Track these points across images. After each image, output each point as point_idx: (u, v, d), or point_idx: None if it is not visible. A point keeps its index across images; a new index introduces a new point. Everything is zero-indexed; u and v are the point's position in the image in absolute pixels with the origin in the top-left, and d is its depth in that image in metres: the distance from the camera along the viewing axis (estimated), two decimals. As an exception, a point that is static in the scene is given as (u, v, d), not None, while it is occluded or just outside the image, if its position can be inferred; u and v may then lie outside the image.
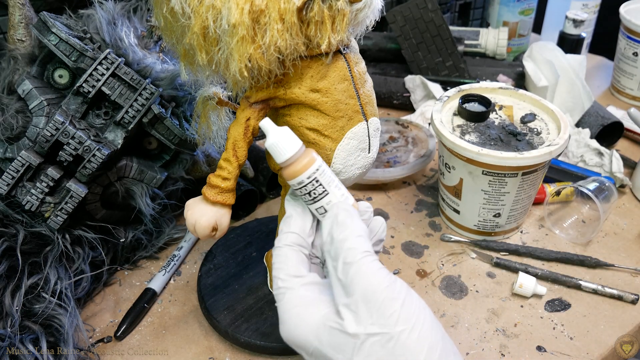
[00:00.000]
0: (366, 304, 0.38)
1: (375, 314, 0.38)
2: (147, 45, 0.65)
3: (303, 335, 0.41)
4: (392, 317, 0.38)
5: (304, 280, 0.43)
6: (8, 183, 0.57)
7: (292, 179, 0.44)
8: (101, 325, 0.62)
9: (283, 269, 0.43)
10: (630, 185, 0.81)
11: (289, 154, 0.43)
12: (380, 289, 0.38)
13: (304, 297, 0.42)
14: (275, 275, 0.44)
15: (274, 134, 0.44)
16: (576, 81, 0.90)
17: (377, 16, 0.46)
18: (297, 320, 0.41)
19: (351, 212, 0.43)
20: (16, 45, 0.61)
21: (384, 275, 0.40)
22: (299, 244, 0.45)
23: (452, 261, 0.70)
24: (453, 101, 0.74)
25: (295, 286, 0.43)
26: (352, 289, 0.39)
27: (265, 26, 0.40)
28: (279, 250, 0.45)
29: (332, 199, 0.45)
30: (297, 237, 0.45)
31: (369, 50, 1.06)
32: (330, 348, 0.39)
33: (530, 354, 0.59)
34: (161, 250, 0.72)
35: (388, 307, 0.38)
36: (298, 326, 0.41)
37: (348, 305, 0.39)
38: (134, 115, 0.60)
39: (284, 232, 0.46)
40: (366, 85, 0.49)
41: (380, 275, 0.39)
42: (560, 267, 0.69)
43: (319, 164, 0.44)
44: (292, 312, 0.42)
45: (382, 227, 0.48)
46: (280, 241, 0.45)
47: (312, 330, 0.40)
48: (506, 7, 1.12)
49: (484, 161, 0.63)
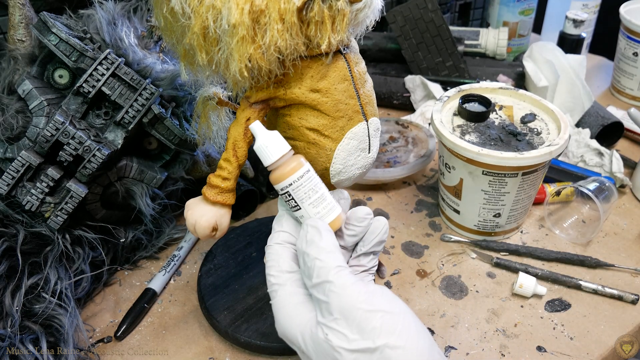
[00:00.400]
0: (346, 320, 0.38)
1: (356, 330, 0.38)
2: (147, 45, 0.65)
3: (293, 335, 0.41)
4: (373, 332, 0.37)
5: (295, 276, 0.44)
6: (8, 183, 0.57)
7: (275, 184, 0.45)
8: (101, 325, 0.62)
9: (274, 266, 0.44)
10: (630, 185, 0.81)
11: (272, 159, 0.44)
12: (357, 304, 0.38)
13: (295, 294, 0.42)
14: (267, 273, 0.44)
15: (261, 137, 0.44)
16: (576, 81, 0.90)
17: (377, 16, 0.46)
18: (288, 320, 0.42)
19: (320, 228, 0.43)
20: (16, 45, 0.61)
21: (359, 289, 0.39)
22: (291, 242, 0.46)
23: (452, 261, 0.70)
24: (453, 101, 0.74)
25: (286, 282, 0.43)
26: (331, 307, 0.39)
27: (265, 26, 0.40)
28: (270, 249, 0.45)
29: (304, 215, 0.45)
30: (288, 236, 0.46)
31: (369, 50, 1.06)
32: (314, 354, 0.40)
33: (530, 354, 0.59)
34: (161, 250, 0.72)
35: (367, 321, 0.38)
36: (289, 326, 0.42)
37: (329, 325, 0.39)
38: (134, 115, 0.60)
39: (275, 231, 0.46)
40: (366, 85, 0.49)
41: (355, 290, 0.39)
42: (561, 267, 0.69)
43: (296, 177, 0.44)
44: (283, 312, 0.42)
45: (383, 228, 0.48)
46: (272, 240, 0.46)
47: (300, 332, 0.41)
48: (506, 7, 1.12)
49: (484, 161, 0.63)
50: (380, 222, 0.48)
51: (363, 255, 0.48)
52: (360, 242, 0.49)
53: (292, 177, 0.44)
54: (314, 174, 0.45)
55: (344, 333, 0.38)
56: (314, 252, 0.42)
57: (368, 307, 0.38)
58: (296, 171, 0.44)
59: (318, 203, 0.45)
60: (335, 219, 0.45)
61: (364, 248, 0.48)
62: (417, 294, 0.66)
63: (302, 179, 0.44)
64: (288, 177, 0.44)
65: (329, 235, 0.43)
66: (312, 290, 0.41)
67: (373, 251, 0.48)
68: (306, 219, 0.45)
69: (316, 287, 0.40)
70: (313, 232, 0.43)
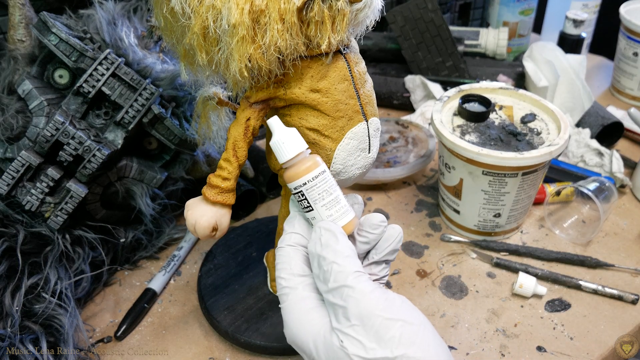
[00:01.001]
0: (364, 327, 0.37)
1: (374, 338, 0.36)
2: (147, 45, 0.65)
3: (304, 342, 0.40)
4: (392, 341, 0.36)
5: (308, 280, 0.42)
6: (8, 183, 0.57)
7: (288, 183, 0.44)
8: (101, 325, 0.62)
9: (286, 268, 0.43)
10: (630, 185, 0.81)
11: (288, 156, 0.43)
12: (376, 311, 0.37)
13: (307, 299, 0.41)
14: (278, 276, 0.43)
15: (279, 133, 0.43)
16: (576, 81, 0.90)
17: (377, 16, 0.46)
18: (298, 325, 0.40)
19: (335, 231, 0.42)
20: (16, 45, 0.61)
21: (378, 296, 0.38)
22: (302, 244, 0.44)
23: (452, 261, 0.70)
24: (453, 101, 0.74)
25: (298, 286, 0.42)
26: (348, 313, 0.38)
27: (266, 26, 0.40)
28: (281, 251, 0.44)
29: (317, 217, 0.43)
30: (300, 238, 0.44)
31: (369, 50, 1.06)
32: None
33: (530, 354, 0.59)
34: (161, 250, 0.72)
35: (386, 330, 0.36)
36: (299, 331, 0.40)
37: (345, 331, 0.37)
38: (134, 115, 0.60)
39: (287, 232, 0.45)
40: (366, 85, 0.49)
41: (375, 297, 0.38)
42: (561, 267, 0.69)
43: (311, 177, 0.42)
44: (293, 317, 0.41)
45: (398, 236, 0.46)
46: (283, 241, 0.44)
47: (311, 339, 0.39)
48: (506, 7, 1.12)
49: (484, 161, 0.63)
50: (395, 230, 0.46)
51: (375, 264, 0.46)
52: (372, 250, 0.46)
53: (307, 176, 0.42)
54: (329, 175, 0.44)
55: (360, 340, 0.37)
56: (331, 255, 0.40)
57: (387, 314, 0.37)
58: (311, 171, 0.43)
59: (331, 205, 0.43)
60: (348, 223, 0.44)
61: (376, 256, 0.46)
62: (417, 294, 0.66)
63: (317, 179, 0.43)
64: (303, 176, 0.42)
65: (344, 239, 0.42)
66: (327, 295, 0.40)
67: (385, 260, 0.46)
68: (318, 221, 0.43)
69: (332, 292, 0.39)
70: (328, 235, 0.41)
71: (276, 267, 0.44)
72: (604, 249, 0.72)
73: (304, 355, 0.41)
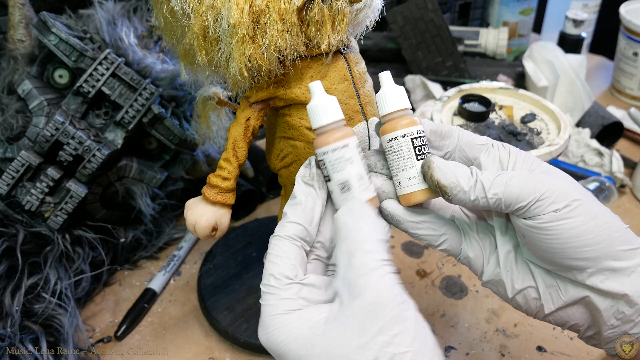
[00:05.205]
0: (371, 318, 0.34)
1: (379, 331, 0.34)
2: (147, 45, 0.65)
3: (285, 345, 0.37)
4: (397, 337, 0.34)
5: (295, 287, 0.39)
6: (8, 183, 0.57)
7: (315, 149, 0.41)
8: (101, 325, 0.62)
9: (279, 264, 0.39)
10: (630, 185, 0.81)
11: (322, 122, 0.41)
12: (390, 305, 0.34)
13: (295, 301, 0.38)
14: (267, 269, 0.39)
15: (319, 97, 0.41)
16: (576, 81, 0.90)
17: (377, 16, 0.46)
18: (281, 328, 0.37)
19: (369, 212, 0.39)
20: (16, 45, 0.61)
21: (397, 292, 0.35)
22: (303, 237, 0.40)
23: (452, 261, 0.70)
24: (453, 101, 0.73)
25: (286, 288, 0.38)
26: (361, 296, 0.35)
27: (265, 26, 0.40)
28: (278, 241, 0.39)
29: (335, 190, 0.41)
30: (302, 230, 0.39)
31: (369, 50, 1.06)
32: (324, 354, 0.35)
33: (530, 354, 0.59)
34: (161, 250, 0.72)
35: (394, 326, 0.34)
36: (281, 334, 0.37)
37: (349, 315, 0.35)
38: (134, 115, 0.60)
39: (289, 219, 0.39)
40: (366, 86, 0.49)
41: (393, 292, 0.35)
42: (560, 267, 0.69)
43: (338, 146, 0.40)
44: (276, 319, 0.38)
45: None
46: (283, 230, 0.39)
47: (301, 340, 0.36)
48: (506, 7, 1.11)
49: (484, 161, 0.62)
50: None
51: None
52: None
53: (334, 145, 0.40)
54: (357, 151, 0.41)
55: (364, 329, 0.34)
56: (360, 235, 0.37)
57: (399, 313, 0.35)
58: (339, 140, 0.40)
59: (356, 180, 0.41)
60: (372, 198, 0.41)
61: None
62: (417, 294, 0.66)
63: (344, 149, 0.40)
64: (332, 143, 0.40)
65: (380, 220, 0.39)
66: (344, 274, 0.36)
67: None
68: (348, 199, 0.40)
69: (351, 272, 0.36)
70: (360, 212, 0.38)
71: (268, 258, 0.40)
72: (604, 249, 0.72)
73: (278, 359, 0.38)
